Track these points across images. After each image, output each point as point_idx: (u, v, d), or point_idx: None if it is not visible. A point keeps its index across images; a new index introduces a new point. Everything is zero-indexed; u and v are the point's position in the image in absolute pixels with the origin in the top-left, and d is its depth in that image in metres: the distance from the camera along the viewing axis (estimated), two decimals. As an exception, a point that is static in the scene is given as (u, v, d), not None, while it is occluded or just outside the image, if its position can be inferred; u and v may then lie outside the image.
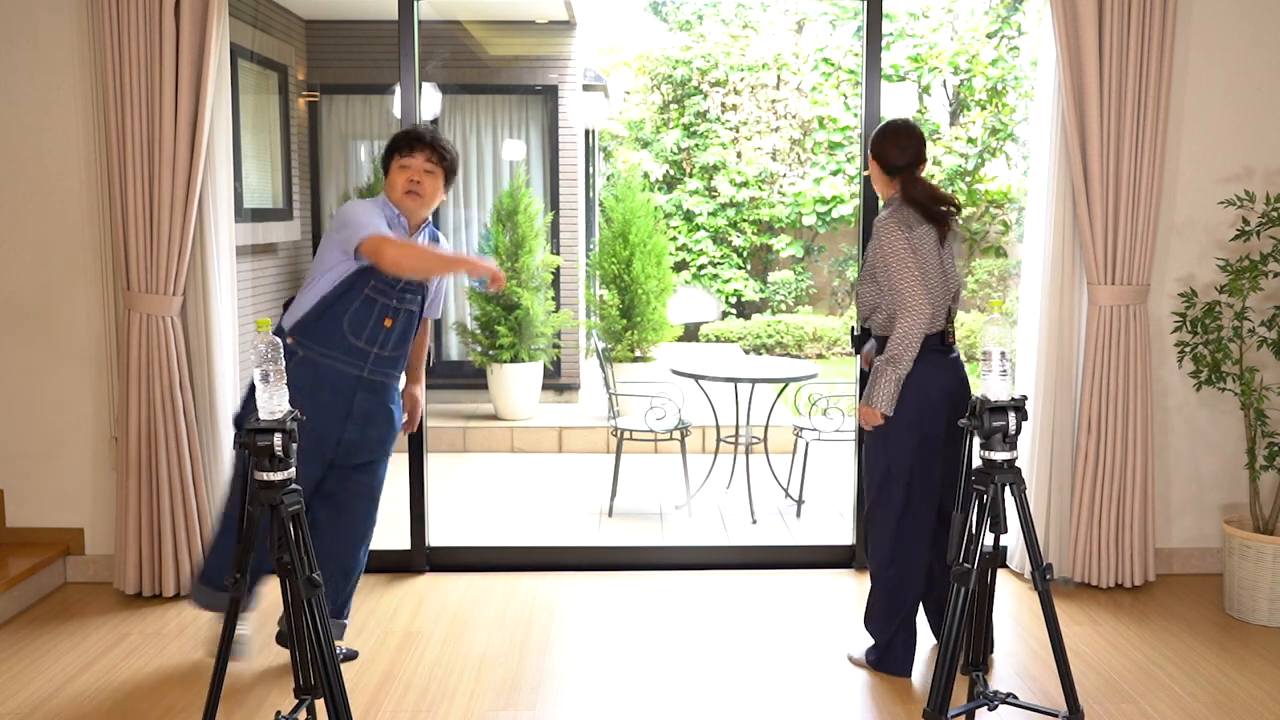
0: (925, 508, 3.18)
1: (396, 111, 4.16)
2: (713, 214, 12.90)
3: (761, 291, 12.80)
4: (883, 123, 3.26)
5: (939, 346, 3.15)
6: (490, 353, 7.44)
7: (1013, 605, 3.86)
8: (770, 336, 11.63)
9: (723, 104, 13.14)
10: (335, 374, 3.12)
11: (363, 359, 3.14)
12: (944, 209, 3.16)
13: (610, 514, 5.39)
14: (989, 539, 2.61)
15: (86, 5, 3.85)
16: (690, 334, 12.03)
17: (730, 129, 13.09)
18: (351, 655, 3.42)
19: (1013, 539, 4.14)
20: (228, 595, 3.12)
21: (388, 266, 3.00)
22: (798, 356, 11.46)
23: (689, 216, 12.92)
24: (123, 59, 3.69)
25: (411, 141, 3.24)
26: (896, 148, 3.18)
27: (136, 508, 3.83)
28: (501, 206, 7.66)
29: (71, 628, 3.65)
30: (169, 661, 3.36)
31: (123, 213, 3.75)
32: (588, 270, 8.95)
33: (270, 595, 3.91)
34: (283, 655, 3.38)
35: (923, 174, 3.20)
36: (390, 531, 4.46)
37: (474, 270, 3.14)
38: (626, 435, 5.40)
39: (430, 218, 3.33)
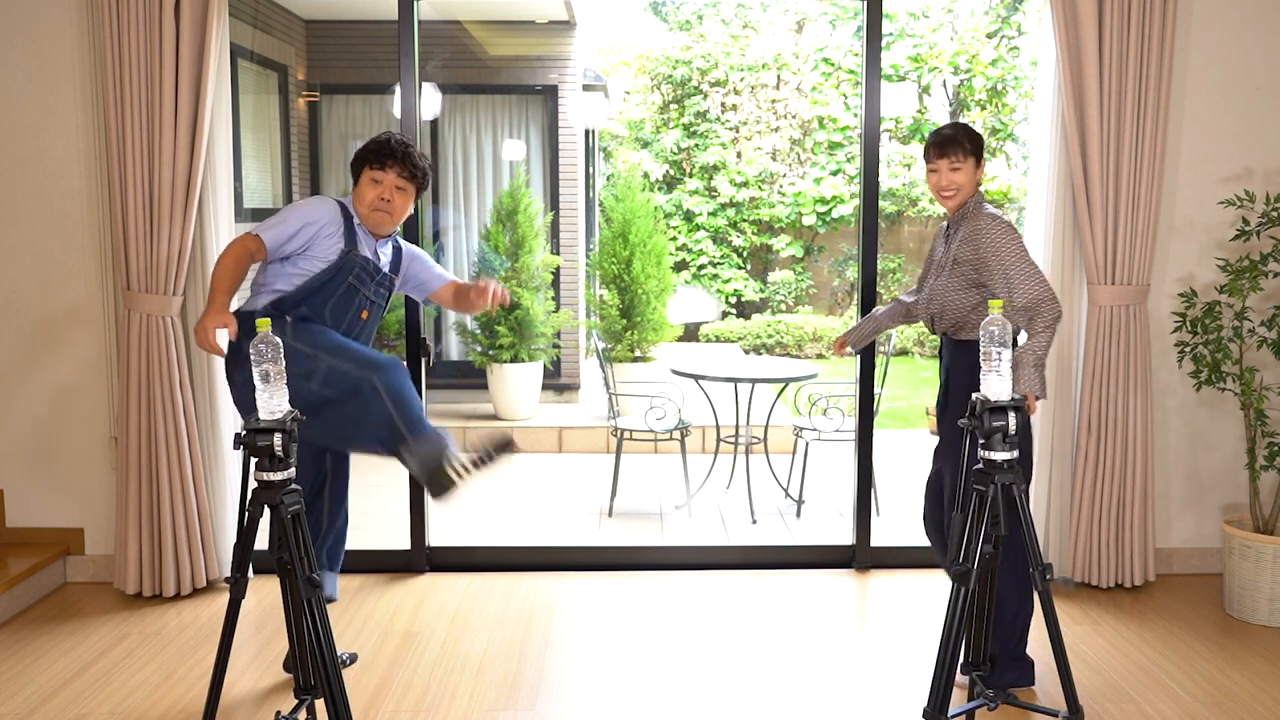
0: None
1: (396, 111, 4.16)
2: (713, 214, 12.91)
3: (761, 291, 12.81)
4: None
5: None
6: (490, 353, 7.44)
7: (1013, 605, 3.86)
8: (770, 336, 11.63)
9: (723, 104, 13.14)
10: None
11: None
12: None
13: (610, 514, 5.39)
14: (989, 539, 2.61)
15: (86, 5, 3.85)
16: (690, 334, 12.04)
17: (730, 129, 13.09)
18: (352, 659, 3.41)
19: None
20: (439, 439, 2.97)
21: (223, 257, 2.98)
22: (798, 356, 11.46)
23: (689, 216, 12.93)
24: (123, 59, 3.69)
25: (385, 155, 3.15)
26: None
27: (136, 508, 3.83)
28: (501, 206, 7.66)
29: (71, 628, 3.65)
30: (169, 661, 3.36)
31: (123, 213, 3.75)
32: (588, 270, 8.95)
33: (266, 601, 3.91)
34: (283, 655, 3.38)
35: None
36: (390, 531, 4.47)
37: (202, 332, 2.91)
38: (626, 435, 5.40)
39: (399, 230, 3.27)
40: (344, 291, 3.09)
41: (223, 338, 2.97)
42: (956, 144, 3.10)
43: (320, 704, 2.65)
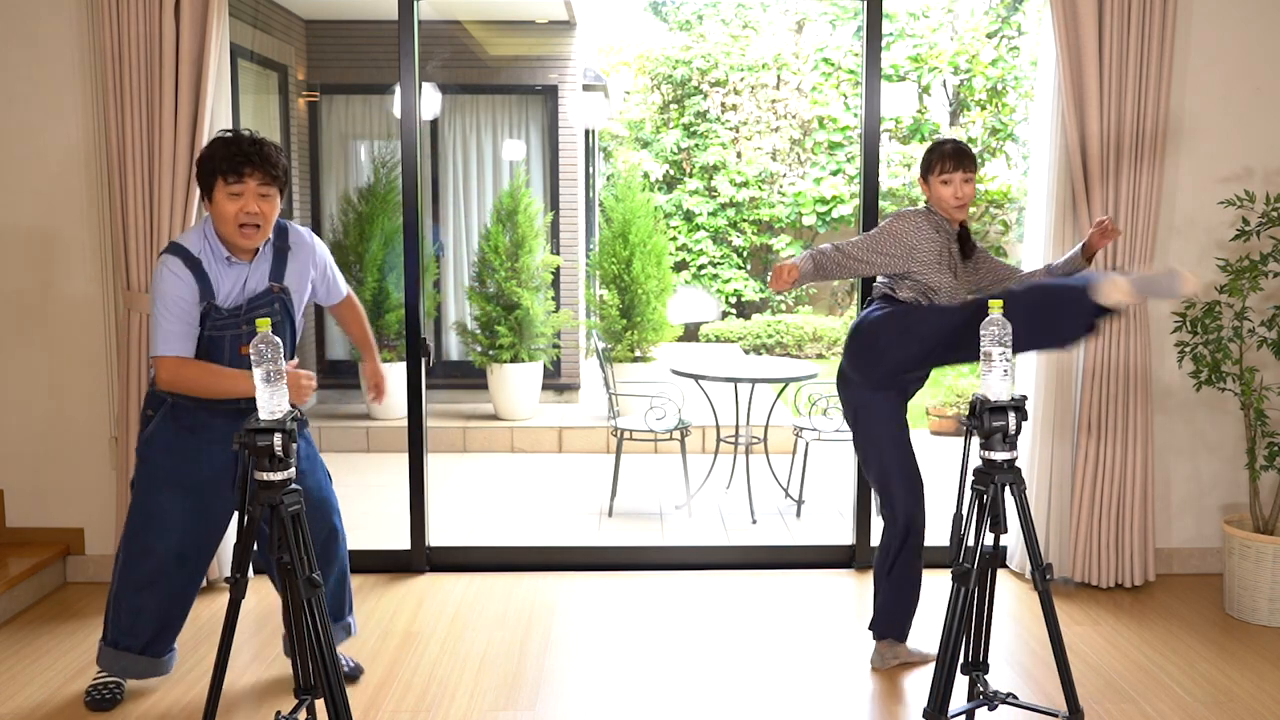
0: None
1: (396, 111, 4.16)
2: (713, 214, 12.90)
3: (761, 291, 12.80)
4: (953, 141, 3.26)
5: None
6: (490, 353, 7.44)
7: (1013, 605, 3.86)
8: (770, 336, 11.63)
9: (723, 104, 13.14)
10: (208, 412, 2.90)
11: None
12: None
13: (610, 514, 5.39)
14: (989, 539, 2.61)
15: (86, 5, 3.85)
16: (690, 334, 12.04)
17: (730, 129, 13.09)
18: (357, 672, 3.29)
19: (1013, 539, 4.14)
20: (137, 658, 3.05)
21: (167, 387, 2.81)
22: (798, 356, 11.46)
23: (689, 216, 12.92)
24: (123, 59, 3.69)
25: (239, 162, 2.75)
26: None
27: (136, 508, 3.83)
28: (501, 206, 7.66)
29: (71, 628, 3.65)
30: (169, 661, 3.36)
31: (123, 213, 3.75)
32: (588, 270, 8.95)
33: (266, 601, 3.91)
34: (283, 657, 3.37)
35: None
36: (390, 531, 4.47)
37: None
38: (626, 435, 5.40)
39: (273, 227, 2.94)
40: (207, 342, 2.84)
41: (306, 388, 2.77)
42: (969, 157, 3.16)
43: (320, 704, 2.65)
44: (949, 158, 3.15)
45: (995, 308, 2.59)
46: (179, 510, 2.95)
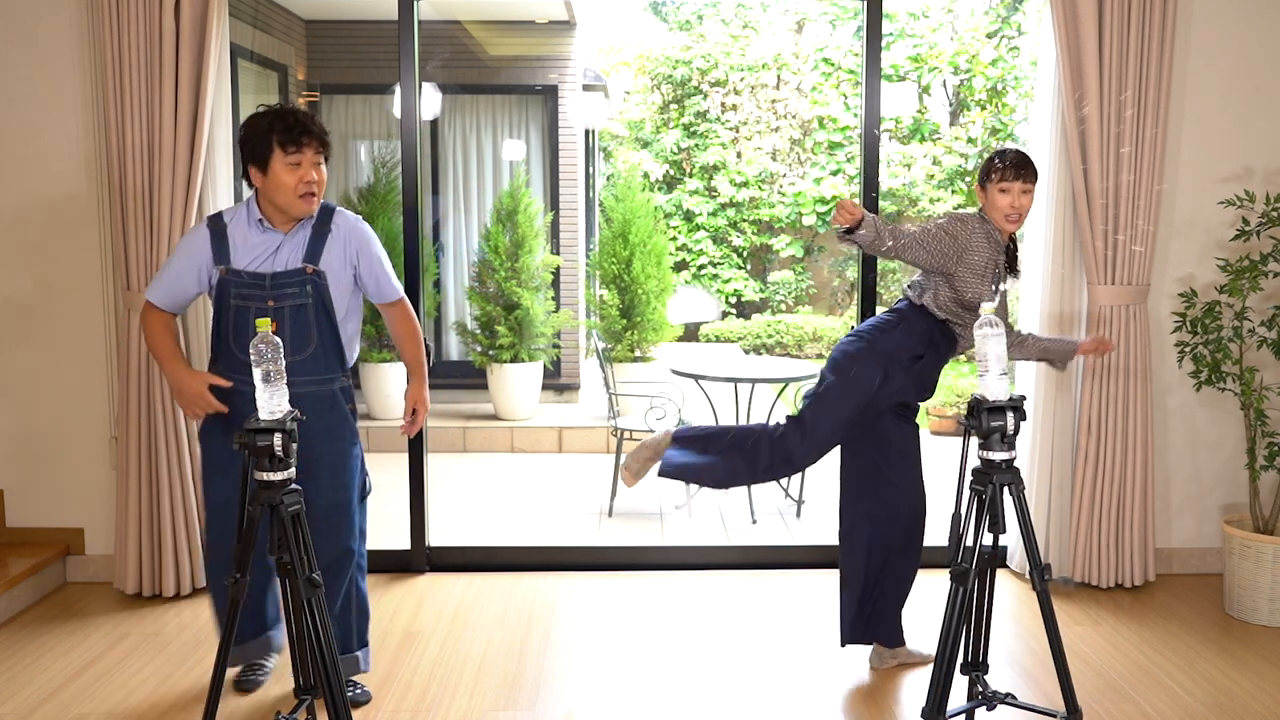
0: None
1: (396, 111, 4.16)
2: (713, 214, 12.91)
3: (761, 291, 12.81)
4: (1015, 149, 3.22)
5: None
6: (490, 353, 7.44)
7: (1013, 605, 3.86)
8: (770, 336, 11.63)
9: (723, 104, 13.14)
10: (244, 397, 2.80)
11: None
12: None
13: (610, 514, 5.39)
14: (987, 539, 2.61)
15: (86, 5, 3.85)
16: (690, 334, 12.04)
17: (730, 129, 13.09)
18: (363, 699, 3.14)
19: (1012, 539, 4.14)
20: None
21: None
22: (798, 356, 11.46)
23: (689, 216, 12.92)
24: (123, 59, 3.69)
25: (299, 132, 2.83)
26: None
27: (136, 508, 3.83)
28: (501, 206, 7.66)
29: (71, 628, 3.65)
30: (169, 661, 3.36)
31: (123, 213, 3.75)
32: (588, 270, 8.95)
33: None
34: (283, 656, 3.37)
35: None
36: (390, 531, 4.47)
37: (177, 396, 2.95)
38: (626, 435, 5.41)
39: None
40: (235, 314, 2.88)
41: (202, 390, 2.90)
42: (1031, 168, 3.11)
43: (320, 704, 2.65)
44: (1010, 167, 3.10)
45: (986, 310, 2.59)
46: (221, 497, 3.01)
